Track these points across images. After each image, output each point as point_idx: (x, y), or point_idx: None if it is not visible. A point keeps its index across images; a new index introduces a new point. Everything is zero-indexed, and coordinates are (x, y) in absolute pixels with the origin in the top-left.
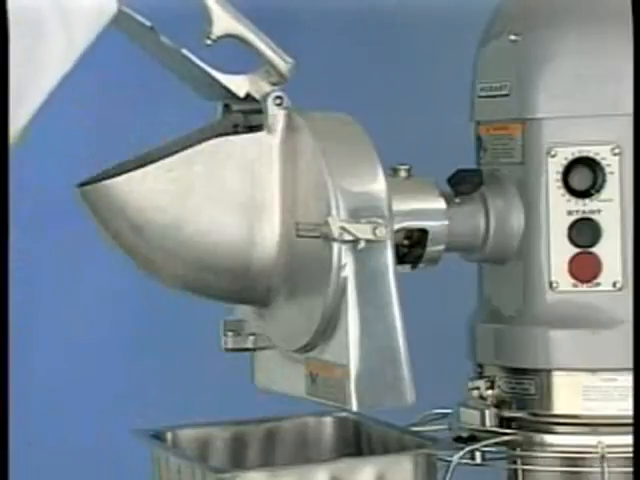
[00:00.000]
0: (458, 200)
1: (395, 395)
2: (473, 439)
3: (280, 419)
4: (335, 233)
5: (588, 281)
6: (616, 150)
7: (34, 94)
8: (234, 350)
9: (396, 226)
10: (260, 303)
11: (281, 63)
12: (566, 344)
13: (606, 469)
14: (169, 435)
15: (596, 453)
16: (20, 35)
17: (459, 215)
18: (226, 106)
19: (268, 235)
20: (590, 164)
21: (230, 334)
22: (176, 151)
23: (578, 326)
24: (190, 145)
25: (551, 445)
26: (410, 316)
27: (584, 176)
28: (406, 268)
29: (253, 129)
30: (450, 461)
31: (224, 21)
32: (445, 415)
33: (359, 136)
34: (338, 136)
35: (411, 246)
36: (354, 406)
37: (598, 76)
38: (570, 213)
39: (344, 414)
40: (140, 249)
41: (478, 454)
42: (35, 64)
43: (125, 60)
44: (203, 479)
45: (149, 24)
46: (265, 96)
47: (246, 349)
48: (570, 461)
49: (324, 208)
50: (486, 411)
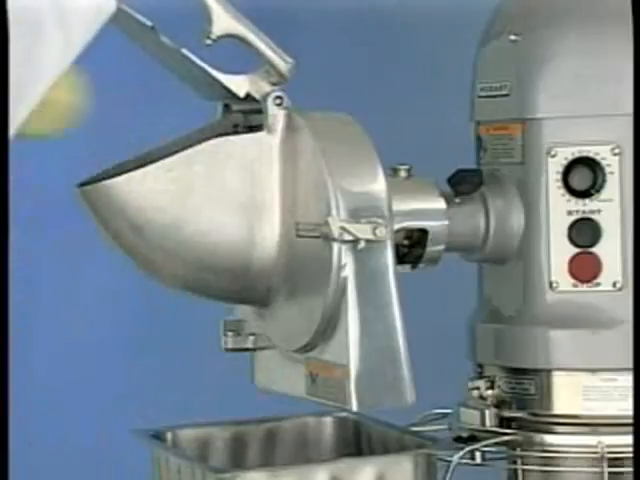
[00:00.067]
0: (458, 200)
1: (395, 395)
2: (473, 439)
3: (280, 419)
4: (335, 233)
5: (588, 281)
6: (616, 150)
7: (33, 94)
8: (234, 350)
9: (396, 226)
10: (260, 303)
11: (281, 63)
12: (566, 344)
13: (606, 469)
14: (169, 435)
15: (596, 453)
16: (20, 35)
17: (459, 215)
18: (226, 106)
19: (268, 235)
20: (590, 164)
21: (230, 334)
22: (176, 151)
23: (578, 326)
24: (190, 145)
25: (551, 445)
26: (410, 316)
27: (584, 176)
28: (406, 268)
29: (253, 129)
30: (450, 461)
31: (224, 21)
32: (445, 415)
33: (359, 136)
34: (338, 136)
35: (411, 246)
36: (354, 406)
37: (598, 76)
38: (570, 213)
39: (344, 414)
40: (140, 249)
41: (478, 454)
42: (34, 64)
43: (125, 60)
44: (203, 479)
45: (149, 24)
46: (265, 96)
47: (246, 349)
48: (570, 461)
49: (324, 208)
50: (486, 411)
